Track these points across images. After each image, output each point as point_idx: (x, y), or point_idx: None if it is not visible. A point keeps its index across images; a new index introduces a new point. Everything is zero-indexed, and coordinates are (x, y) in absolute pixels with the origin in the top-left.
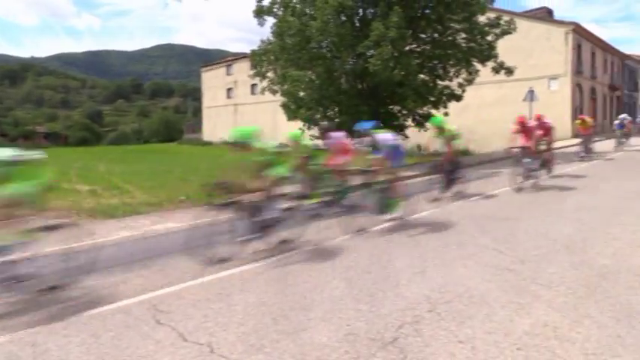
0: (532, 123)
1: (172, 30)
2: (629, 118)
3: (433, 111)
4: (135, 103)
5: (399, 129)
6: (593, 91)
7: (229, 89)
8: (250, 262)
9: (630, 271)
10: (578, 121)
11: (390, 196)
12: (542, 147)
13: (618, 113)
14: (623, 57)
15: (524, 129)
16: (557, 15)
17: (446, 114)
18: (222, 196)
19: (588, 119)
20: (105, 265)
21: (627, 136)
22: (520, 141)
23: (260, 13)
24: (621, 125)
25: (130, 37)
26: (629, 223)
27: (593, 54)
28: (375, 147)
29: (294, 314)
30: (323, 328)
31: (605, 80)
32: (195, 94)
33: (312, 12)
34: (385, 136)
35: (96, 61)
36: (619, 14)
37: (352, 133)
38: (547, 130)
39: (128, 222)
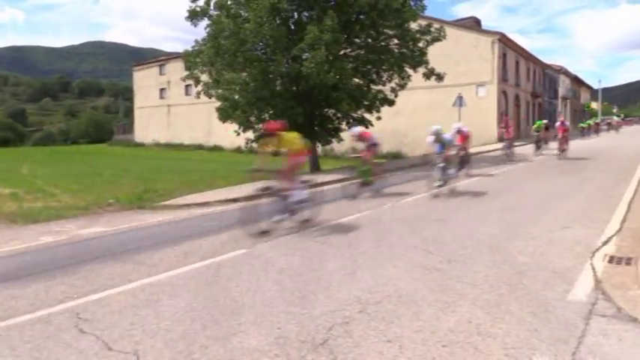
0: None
1: (103, 27)
2: (464, 129)
3: (367, 115)
4: (62, 102)
5: (334, 132)
6: (517, 97)
7: (162, 89)
8: (181, 267)
9: (547, 268)
10: (260, 144)
11: None
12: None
13: (554, 120)
14: (544, 66)
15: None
16: (485, 25)
17: (379, 118)
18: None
19: (299, 142)
20: (25, 273)
21: (450, 167)
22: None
23: (194, 15)
24: (441, 145)
25: (58, 32)
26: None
27: (517, 63)
28: None
29: (225, 319)
30: (253, 332)
31: (528, 88)
32: (126, 94)
33: (247, 14)
34: None
35: (19, 57)
36: (541, 26)
37: None
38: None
39: (52, 227)
